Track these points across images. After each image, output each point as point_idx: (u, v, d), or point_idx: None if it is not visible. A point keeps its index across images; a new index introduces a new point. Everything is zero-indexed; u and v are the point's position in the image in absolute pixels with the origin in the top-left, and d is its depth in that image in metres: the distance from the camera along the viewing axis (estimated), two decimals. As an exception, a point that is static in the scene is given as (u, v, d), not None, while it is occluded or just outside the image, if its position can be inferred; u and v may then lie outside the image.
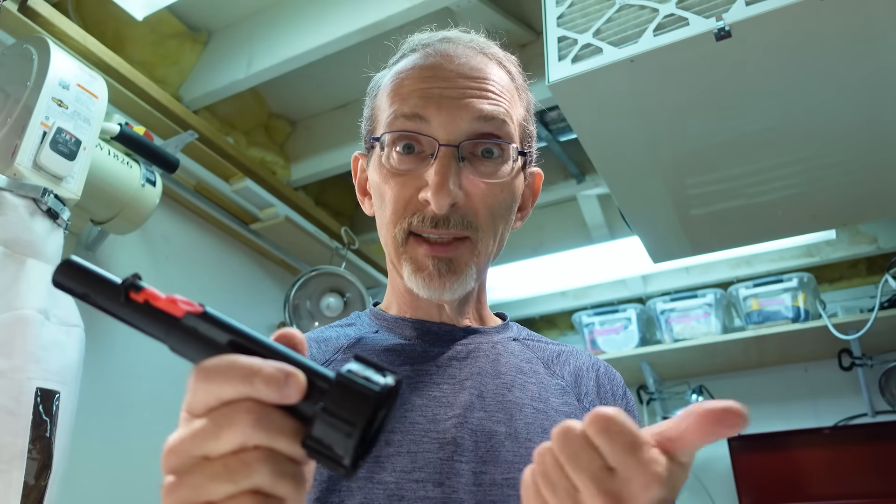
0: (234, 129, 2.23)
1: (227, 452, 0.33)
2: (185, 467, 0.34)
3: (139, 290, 0.35)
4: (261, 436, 0.33)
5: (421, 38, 0.76)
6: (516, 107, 0.73)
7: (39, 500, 1.09)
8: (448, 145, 0.66)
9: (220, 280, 2.13)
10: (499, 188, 0.69)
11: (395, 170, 0.69)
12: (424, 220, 0.67)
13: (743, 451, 2.43)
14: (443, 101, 0.67)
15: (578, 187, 2.29)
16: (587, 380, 0.74)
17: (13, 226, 1.18)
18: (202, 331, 0.35)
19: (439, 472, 0.60)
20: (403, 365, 0.69)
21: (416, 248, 0.68)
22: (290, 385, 0.33)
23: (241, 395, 0.33)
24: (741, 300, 2.44)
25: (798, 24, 1.10)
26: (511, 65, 0.76)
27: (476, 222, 0.68)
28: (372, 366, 0.35)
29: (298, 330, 0.38)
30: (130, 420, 1.68)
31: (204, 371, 0.34)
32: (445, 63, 0.70)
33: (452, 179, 0.65)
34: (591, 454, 0.39)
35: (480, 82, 0.69)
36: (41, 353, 1.13)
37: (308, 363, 0.35)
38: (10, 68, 1.34)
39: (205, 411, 0.34)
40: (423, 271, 0.67)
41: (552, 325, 3.10)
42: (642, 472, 0.39)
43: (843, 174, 1.49)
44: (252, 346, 0.35)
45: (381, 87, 0.75)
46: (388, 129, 0.69)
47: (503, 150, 0.69)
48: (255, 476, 0.33)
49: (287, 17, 1.89)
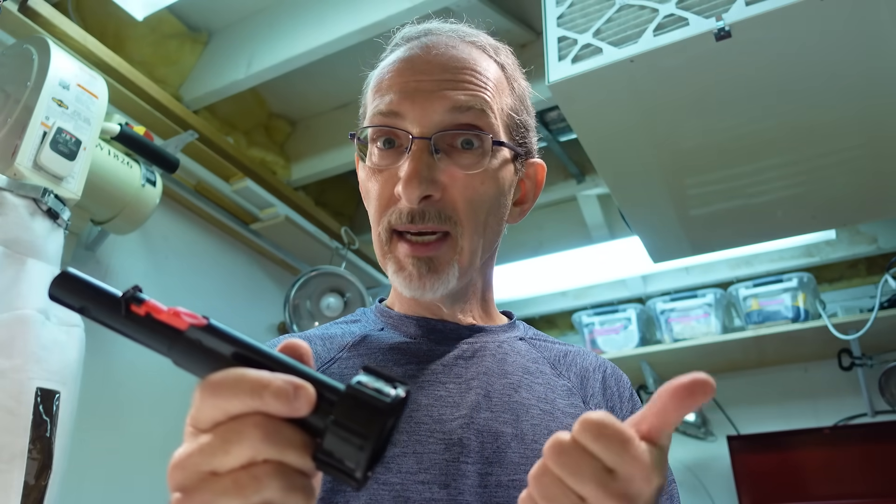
0: (235, 129, 2.23)
1: (236, 467, 0.32)
2: (193, 483, 0.33)
3: (140, 303, 0.34)
4: (270, 450, 0.32)
5: (406, 32, 0.76)
6: (503, 96, 0.71)
7: (39, 499, 1.09)
8: (421, 138, 0.65)
9: (220, 280, 2.13)
10: (479, 180, 0.67)
11: (376, 166, 0.68)
12: (401, 216, 0.66)
13: (743, 451, 2.43)
14: (417, 94, 0.66)
15: (578, 187, 2.29)
16: (593, 381, 0.73)
17: (13, 226, 1.18)
18: (207, 344, 0.34)
19: (445, 473, 0.60)
20: (409, 364, 0.68)
21: (397, 248, 0.68)
22: (299, 398, 0.32)
23: (250, 410, 0.33)
24: (741, 300, 2.44)
25: (798, 24, 1.10)
26: (500, 54, 0.74)
27: (455, 216, 0.66)
28: (382, 377, 0.34)
29: (304, 342, 0.37)
30: (130, 420, 1.68)
31: (211, 385, 0.33)
32: (423, 54, 0.69)
33: (423, 171, 0.64)
34: (591, 461, 0.39)
35: (458, 73, 0.68)
36: (41, 353, 1.13)
37: (317, 375, 0.34)
38: (11, 68, 1.34)
39: (211, 426, 0.33)
40: (404, 271, 0.67)
41: (552, 325, 3.10)
42: (641, 467, 0.39)
43: (843, 174, 1.49)
44: (258, 358, 0.34)
45: (368, 85, 0.75)
46: (366, 125, 0.69)
47: (483, 141, 0.67)
48: (266, 490, 0.32)
49: (287, 17, 1.89)
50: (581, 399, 0.71)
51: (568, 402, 0.70)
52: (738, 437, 2.48)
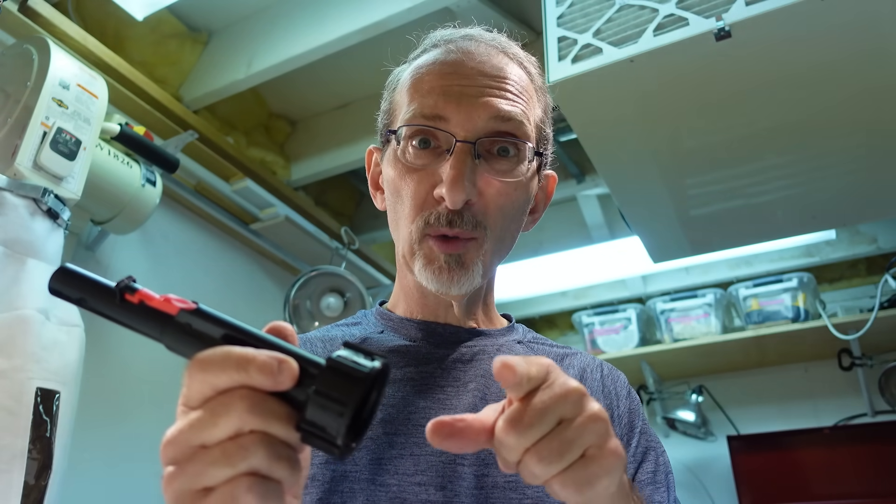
0: (235, 129, 2.23)
1: (224, 439, 0.34)
2: (184, 457, 0.35)
3: (134, 292, 0.37)
4: (256, 420, 0.34)
5: (443, 34, 0.75)
6: (534, 108, 0.73)
7: (39, 499, 1.09)
8: (465, 142, 0.66)
9: (221, 280, 2.13)
10: (513, 187, 0.68)
11: (411, 164, 0.68)
12: (440, 218, 0.66)
13: (743, 451, 2.43)
14: (462, 98, 0.67)
15: (578, 187, 2.29)
16: (591, 381, 0.74)
17: (13, 226, 1.18)
18: (196, 326, 0.36)
19: (441, 475, 0.60)
20: (408, 366, 0.69)
21: (427, 243, 0.68)
22: (283, 371, 0.34)
23: (237, 384, 0.34)
24: (741, 300, 2.44)
25: (798, 25, 1.10)
26: (531, 66, 0.76)
27: (485, 222, 0.67)
28: (361, 351, 0.36)
29: (288, 324, 0.39)
30: (130, 420, 1.68)
31: (199, 362, 0.35)
32: (466, 60, 0.69)
33: (468, 175, 0.65)
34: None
35: (500, 81, 0.69)
36: (41, 353, 1.13)
37: (299, 351, 0.36)
38: (11, 68, 1.34)
39: (201, 402, 0.35)
40: (434, 264, 0.67)
41: (552, 325, 3.10)
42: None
43: (843, 174, 1.49)
44: (245, 338, 0.36)
45: (400, 82, 0.74)
46: (405, 124, 0.69)
47: (519, 150, 0.68)
48: (252, 458, 0.33)
49: (287, 17, 1.89)
50: None
51: None
52: (738, 437, 2.49)
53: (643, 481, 0.68)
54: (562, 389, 0.40)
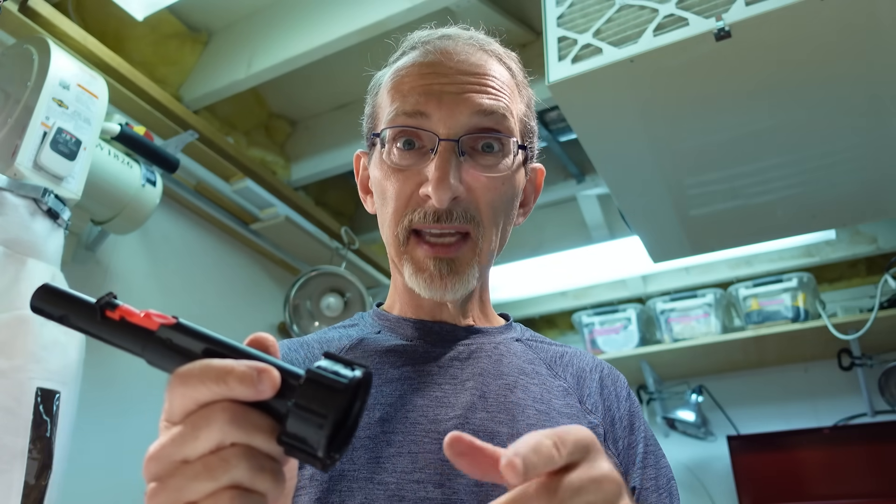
0: (235, 129, 2.23)
1: (205, 452, 0.34)
2: (167, 472, 0.34)
3: (114, 308, 0.37)
4: (237, 433, 0.34)
5: (421, 35, 0.76)
6: (516, 102, 0.73)
7: (40, 499, 1.09)
8: (448, 140, 0.66)
9: (221, 280, 2.13)
10: (500, 181, 0.69)
11: (396, 165, 0.69)
12: (426, 216, 0.66)
13: (743, 451, 2.43)
14: (443, 96, 0.67)
15: (578, 187, 2.29)
16: (590, 381, 0.74)
17: (14, 226, 1.18)
18: (177, 341, 0.36)
19: (440, 472, 0.60)
20: (405, 365, 0.69)
21: (416, 249, 0.68)
22: (263, 381, 0.34)
23: (217, 396, 0.34)
24: (741, 300, 2.44)
25: (798, 25, 1.11)
26: (511, 61, 0.76)
27: (478, 216, 0.68)
28: (341, 361, 0.36)
29: (269, 336, 0.39)
30: (130, 420, 1.67)
31: (180, 376, 0.35)
32: (445, 59, 0.70)
33: (453, 173, 0.65)
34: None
35: (480, 78, 0.69)
36: (42, 353, 1.13)
37: (280, 363, 0.36)
38: (11, 68, 1.34)
39: (182, 417, 0.35)
40: (424, 272, 0.67)
41: (552, 325, 3.10)
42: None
43: (843, 174, 1.49)
44: (226, 351, 0.36)
45: (381, 85, 0.75)
46: (388, 125, 0.69)
47: (503, 145, 0.69)
48: (234, 471, 0.33)
49: (287, 17, 1.89)
50: (577, 399, 0.71)
51: (564, 402, 0.70)
52: (738, 437, 2.49)
53: (648, 488, 0.68)
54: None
